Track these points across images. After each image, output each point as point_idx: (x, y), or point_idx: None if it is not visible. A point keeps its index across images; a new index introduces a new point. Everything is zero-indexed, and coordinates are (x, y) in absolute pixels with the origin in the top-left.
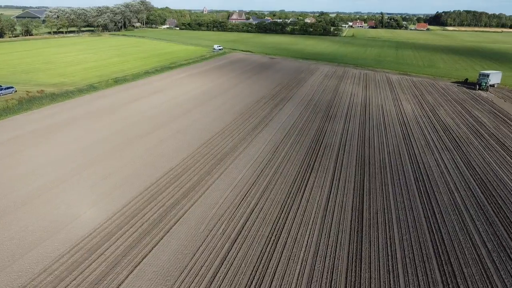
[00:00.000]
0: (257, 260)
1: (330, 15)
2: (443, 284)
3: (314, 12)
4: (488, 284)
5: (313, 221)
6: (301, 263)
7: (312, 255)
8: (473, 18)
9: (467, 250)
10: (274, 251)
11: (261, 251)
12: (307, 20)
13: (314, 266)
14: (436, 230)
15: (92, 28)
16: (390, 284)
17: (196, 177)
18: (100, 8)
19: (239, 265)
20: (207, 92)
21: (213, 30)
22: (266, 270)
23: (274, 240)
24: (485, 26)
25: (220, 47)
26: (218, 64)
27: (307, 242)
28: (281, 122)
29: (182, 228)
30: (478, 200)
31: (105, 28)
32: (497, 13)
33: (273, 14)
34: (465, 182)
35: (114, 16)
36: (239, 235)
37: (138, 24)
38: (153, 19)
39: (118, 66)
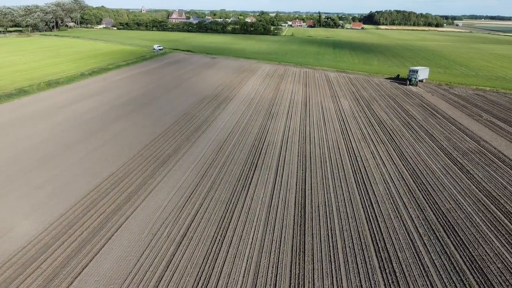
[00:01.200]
0: (203, 260)
1: (270, 14)
2: (380, 269)
3: (254, 12)
4: (420, 265)
5: (257, 218)
6: (247, 260)
7: (258, 252)
8: (403, 18)
9: (401, 236)
10: (220, 251)
11: (207, 251)
12: (248, 20)
13: (260, 262)
14: (373, 219)
15: (21, 28)
16: (332, 273)
17: (139, 180)
18: (29, 7)
19: (185, 267)
20: (148, 94)
21: (152, 30)
22: (213, 269)
23: (219, 239)
24: (414, 25)
25: (160, 47)
26: (159, 65)
27: (252, 239)
28: (224, 122)
29: (125, 234)
30: (410, 188)
31: (35, 28)
32: (424, 13)
33: (213, 13)
34: (399, 172)
35: (45, 15)
36: (184, 237)
37: (72, 24)
38: (87, 18)
39: (50, 69)
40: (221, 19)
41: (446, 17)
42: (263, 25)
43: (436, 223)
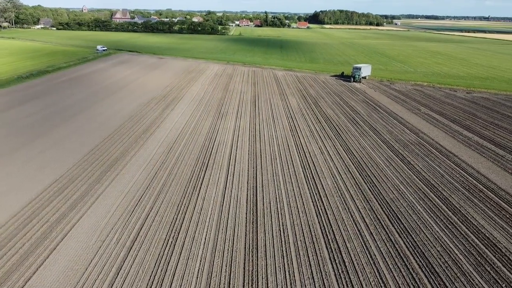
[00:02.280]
0: (155, 264)
1: (217, 14)
2: (330, 260)
3: (201, 11)
4: (368, 254)
5: (210, 218)
6: (200, 261)
7: (211, 251)
8: (346, 17)
9: (349, 227)
10: (172, 253)
11: (159, 254)
12: (195, 19)
13: (213, 262)
14: (322, 212)
15: None
16: (284, 267)
17: (85, 186)
18: None
19: (137, 272)
20: (92, 96)
21: (95, 30)
22: (165, 272)
23: (171, 242)
24: (356, 24)
25: (104, 48)
26: (104, 66)
27: (205, 239)
28: (173, 122)
29: (71, 243)
30: (357, 181)
31: None
32: (365, 13)
33: (159, 13)
34: (345, 165)
35: None
36: (134, 241)
37: (6, 24)
38: (23, 18)
39: None
40: (168, 19)
41: (386, 17)
42: (211, 25)
43: (381, 213)
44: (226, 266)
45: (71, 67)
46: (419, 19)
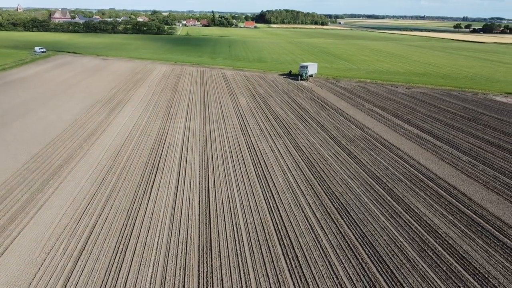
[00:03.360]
0: (106, 273)
1: (163, 14)
2: (284, 256)
3: (146, 11)
4: (319, 247)
5: (162, 222)
6: (153, 266)
7: (164, 256)
8: (292, 16)
9: (301, 222)
10: (123, 260)
11: (109, 263)
12: (140, 19)
13: (167, 266)
14: (275, 209)
15: None
16: (239, 266)
17: (26, 196)
18: None
19: (86, 283)
20: (30, 101)
21: (32, 31)
22: (117, 281)
23: (122, 249)
24: (302, 23)
25: (43, 49)
26: (42, 68)
27: (158, 243)
28: (120, 126)
29: (12, 258)
30: (307, 177)
31: None
32: (310, 12)
33: (102, 12)
34: (295, 162)
35: None
36: (82, 251)
37: None
38: None
39: None
40: (111, 19)
41: (330, 16)
42: (157, 25)
43: (331, 206)
44: (180, 269)
45: (6, 70)
46: (361, 18)
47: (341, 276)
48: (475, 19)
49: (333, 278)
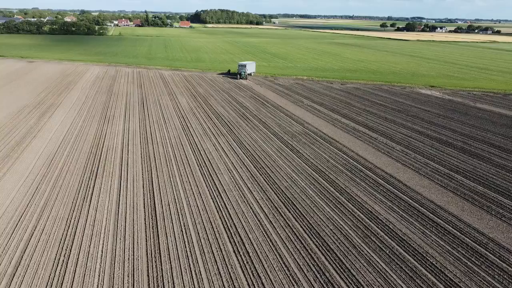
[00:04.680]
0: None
1: (93, 13)
2: (235, 253)
3: (74, 11)
4: (269, 242)
5: (105, 229)
6: (99, 275)
7: (110, 264)
8: (227, 16)
9: (249, 218)
10: (65, 272)
11: (49, 276)
12: (68, 19)
13: (114, 274)
14: (222, 207)
15: None
16: (190, 267)
17: None
18: None
19: None
20: None
21: None
22: None
23: (63, 260)
24: (237, 23)
25: None
26: None
27: (102, 251)
28: (53, 131)
29: None
30: (252, 174)
31: None
32: (245, 12)
33: (24, 12)
34: (240, 160)
35: None
36: (18, 267)
37: None
38: None
39: None
40: (35, 19)
41: (264, 16)
42: (86, 25)
43: (278, 201)
44: (128, 276)
45: None
46: (294, 18)
47: (292, 268)
48: (399, 18)
49: (284, 270)
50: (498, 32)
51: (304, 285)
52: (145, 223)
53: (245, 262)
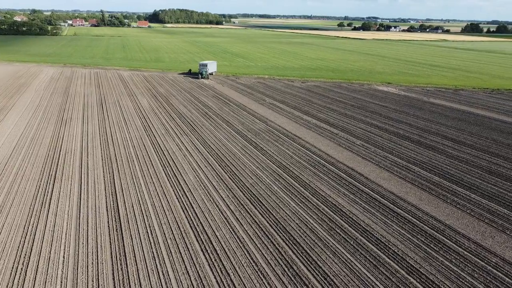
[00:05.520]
0: None
1: (45, 13)
2: (202, 252)
3: (24, 10)
4: (237, 239)
5: (66, 234)
6: (61, 282)
7: (72, 269)
8: (187, 16)
9: (216, 216)
10: (24, 281)
11: (7, 286)
12: (17, 19)
13: (77, 280)
14: (188, 207)
15: None
16: (157, 268)
17: None
18: None
19: None
20: None
21: None
22: None
23: (22, 268)
24: (197, 23)
25: None
26: None
27: (64, 257)
28: (5, 135)
29: None
30: (217, 172)
31: None
32: (204, 11)
33: None
34: (205, 159)
35: None
36: None
37: None
38: None
39: None
40: None
41: (224, 16)
42: (38, 25)
43: (244, 198)
44: (92, 281)
45: None
46: (254, 18)
47: (260, 263)
48: (355, 18)
49: (252, 266)
50: (448, 31)
51: (273, 279)
52: (108, 226)
53: (213, 260)
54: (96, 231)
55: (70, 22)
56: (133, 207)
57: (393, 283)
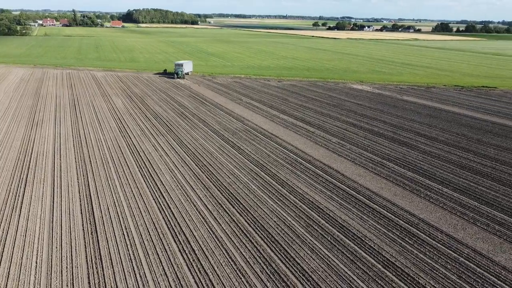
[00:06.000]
0: None
1: (14, 13)
2: (180, 252)
3: None
4: (215, 238)
5: (39, 238)
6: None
7: (46, 275)
8: (161, 16)
9: (193, 216)
10: None
11: None
12: None
13: (51, 285)
14: (165, 208)
15: None
16: (134, 271)
17: None
18: None
19: None
20: None
21: None
22: None
23: None
24: (172, 22)
25: None
26: None
27: (36, 263)
28: None
29: None
30: (194, 172)
31: None
32: (180, 11)
33: None
34: (181, 159)
35: None
36: None
37: None
38: None
39: None
40: None
41: (199, 15)
42: (7, 25)
43: (221, 197)
44: (67, 286)
45: None
46: (229, 18)
47: (238, 262)
48: (330, 18)
49: (231, 264)
50: (419, 31)
51: (251, 277)
52: (83, 229)
53: (191, 260)
54: (70, 234)
55: (40, 22)
56: (108, 209)
57: (369, 277)
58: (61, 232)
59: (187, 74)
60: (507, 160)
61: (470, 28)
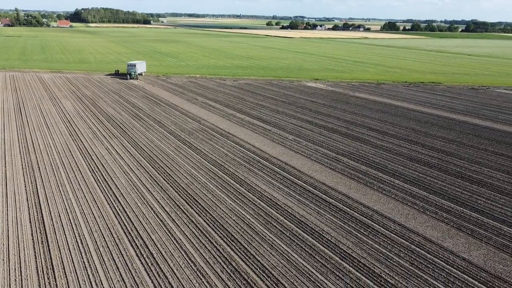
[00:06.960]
0: None
1: None
2: (138, 256)
3: None
4: (174, 240)
5: None
6: None
7: None
8: (112, 15)
9: (151, 219)
10: None
11: None
12: None
13: None
14: (121, 212)
15: None
16: (90, 279)
17: None
18: None
19: None
20: None
21: None
22: None
23: None
24: (123, 22)
25: None
26: None
27: None
28: None
29: None
30: (151, 174)
31: None
32: (131, 11)
33: None
34: (137, 161)
35: None
36: None
37: None
38: None
39: None
40: None
41: (152, 15)
42: None
43: (179, 199)
44: None
45: None
46: (182, 17)
47: (198, 263)
48: (283, 17)
49: (191, 266)
50: (368, 30)
51: (212, 277)
52: (32, 239)
53: (149, 264)
54: (19, 245)
55: None
56: (60, 216)
57: (328, 269)
58: (8, 243)
59: (140, 74)
60: (452, 151)
61: (415, 27)
